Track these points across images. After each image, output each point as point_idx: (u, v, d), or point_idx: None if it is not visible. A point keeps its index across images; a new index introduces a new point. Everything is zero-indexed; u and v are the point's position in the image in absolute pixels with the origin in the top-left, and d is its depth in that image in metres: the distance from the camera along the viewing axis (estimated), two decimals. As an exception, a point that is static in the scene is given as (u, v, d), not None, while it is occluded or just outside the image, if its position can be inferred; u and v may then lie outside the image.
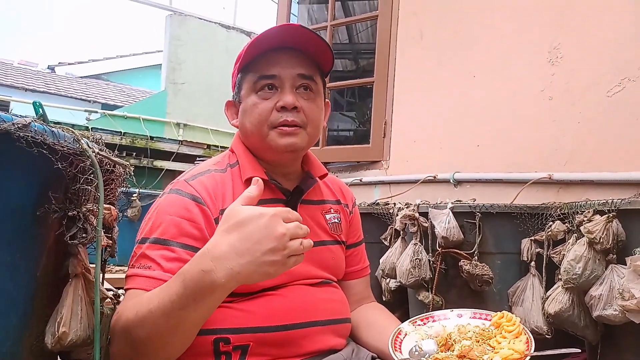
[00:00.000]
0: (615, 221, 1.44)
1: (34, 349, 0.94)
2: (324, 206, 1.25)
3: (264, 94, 1.12)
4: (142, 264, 1.00)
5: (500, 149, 2.40)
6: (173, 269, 0.97)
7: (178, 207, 1.03)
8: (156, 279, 0.97)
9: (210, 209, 1.05)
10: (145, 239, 1.03)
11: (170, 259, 0.99)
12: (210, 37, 7.70)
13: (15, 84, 10.00)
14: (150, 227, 1.03)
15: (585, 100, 2.09)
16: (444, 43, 2.72)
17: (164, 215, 1.03)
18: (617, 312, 1.36)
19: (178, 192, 1.06)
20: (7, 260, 0.87)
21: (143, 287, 0.97)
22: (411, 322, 1.13)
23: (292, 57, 1.13)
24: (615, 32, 2.02)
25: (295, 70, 1.12)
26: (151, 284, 0.97)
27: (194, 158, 5.44)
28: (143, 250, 1.01)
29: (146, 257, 1.00)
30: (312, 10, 4.70)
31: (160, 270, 0.98)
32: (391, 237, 2.19)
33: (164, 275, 0.97)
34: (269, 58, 1.13)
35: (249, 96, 1.14)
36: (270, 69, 1.12)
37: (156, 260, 0.99)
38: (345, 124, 5.21)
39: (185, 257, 0.99)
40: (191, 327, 0.92)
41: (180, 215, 1.02)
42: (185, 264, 0.96)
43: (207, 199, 1.05)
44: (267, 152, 1.15)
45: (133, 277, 1.00)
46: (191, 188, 1.06)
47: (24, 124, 0.82)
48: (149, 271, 0.99)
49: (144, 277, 0.99)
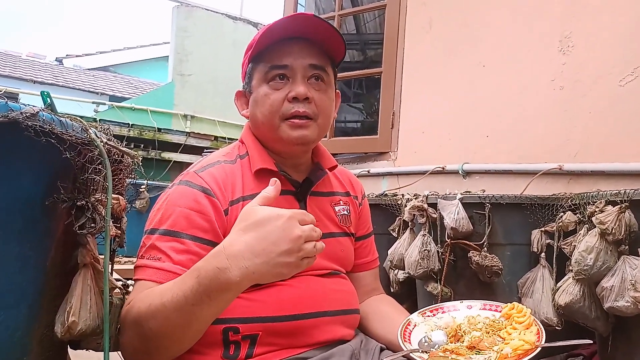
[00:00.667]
0: (628, 211, 1.42)
1: (43, 339, 0.94)
2: (333, 198, 1.25)
3: (276, 84, 1.11)
4: (151, 255, 1.01)
5: (509, 139, 2.37)
6: (183, 261, 0.98)
7: (188, 199, 1.03)
8: (166, 270, 0.98)
9: (219, 201, 1.05)
10: (154, 230, 1.03)
11: (180, 251, 0.99)
12: (217, 29, 7.68)
13: (23, 76, 10.03)
14: (160, 218, 1.03)
15: (596, 90, 2.06)
16: (453, 33, 2.70)
17: (173, 206, 1.03)
18: (629, 304, 1.35)
19: (188, 184, 1.06)
20: (17, 251, 0.88)
21: (153, 278, 0.98)
22: (420, 313, 1.12)
23: (304, 47, 1.12)
24: (627, 21, 1.99)
25: (306, 61, 1.11)
26: (161, 275, 0.97)
27: (202, 150, 5.45)
28: (153, 241, 1.02)
29: (156, 248, 1.01)
30: (319, 0, 4.67)
31: (170, 262, 0.99)
32: (399, 229, 2.18)
33: (173, 267, 0.98)
34: (281, 48, 1.11)
35: (260, 86, 1.13)
36: (282, 58, 1.11)
37: (166, 251, 1.00)
38: (353, 115, 5.18)
39: (195, 249, 1.00)
40: (202, 323, 0.92)
41: (190, 207, 1.02)
42: (194, 255, 0.97)
43: (216, 190, 1.05)
44: (277, 143, 1.14)
45: (143, 267, 1.01)
46: (201, 179, 1.06)
47: (32, 113, 0.81)
48: (159, 262, 0.99)
49: (154, 268, 0.99)
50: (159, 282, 0.97)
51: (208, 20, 7.63)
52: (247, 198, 1.08)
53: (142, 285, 0.99)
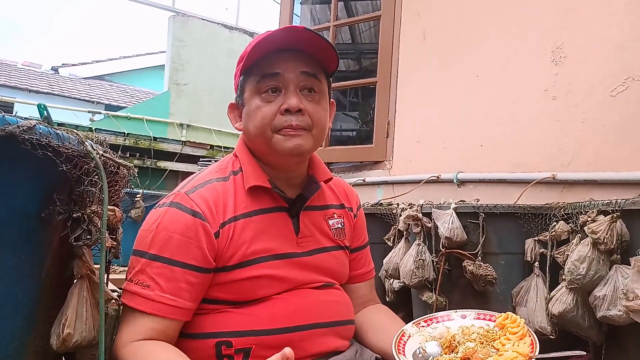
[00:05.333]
0: (620, 221, 1.43)
1: (39, 350, 0.94)
2: (327, 211, 1.24)
3: (268, 97, 1.10)
4: (140, 281, 1.02)
5: (503, 149, 2.39)
6: (172, 290, 1.00)
7: (179, 225, 1.03)
8: (155, 301, 1.00)
9: (210, 224, 1.04)
10: (144, 253, 1.03)
11: (170, 279, 1.01)
12: (213, 38, 7.71)
13: (19, 85, 10.03)
14: (151, 241, 1.03)
15: (588, 100, 2.08)
16: (447, 43, 2.72)
17: (164, 231, 1.03)
18: (621, 313, 1.36)
19: (178, 206, 1.05)
20: (13, 262, 0.88)
21: (142, 308, 1.01)
22: (415, 324, 1.12)
23: (296, 57, 1.11)
24: (619, 32, 2.01)
25: (298, 68, 1.10)
26: (150, 306, 1.00)
27: (198, 158, 5.45)
28: (142, 266, 1.03)
29: (145, 273, 1.02)
30: (314, 11, 4.70)
31: (158, 290, 1.00)
32: (394, 238, 2.18)
33: (162, 297, 1.00)
34: (272, 58, 1.10)
35: (252, 98, 1.12)
36: (273, 67, 1.09)
37: (155, 279, 1.01)
38: (348, 124, 5.20)
39: (184, 277, 1.01)
40: None
41: (181, 232, 1.02)
42: (183, 283, 1.00)
43: (207, 213, 1.05)
44: (272, 155, 1.13)
45: (132, 294, 1.02)
46: (191, 202, 1.05)
47: (29, 126, 0.82)
48: (147, 291, 1.01)
49: (143, 297, 1.01)
50: (148, 312, 1.00)
51: (204, 30, 7.66)
52: (238, 218, 1.08)
53: (130, 315, 1.02)
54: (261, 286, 1.06)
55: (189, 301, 1.02)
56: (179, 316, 1.02)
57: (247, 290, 1.06)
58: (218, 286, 1.06)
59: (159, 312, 1.00)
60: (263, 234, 1.09)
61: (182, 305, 1.01)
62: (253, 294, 1.06)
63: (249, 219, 1.09)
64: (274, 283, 1.08)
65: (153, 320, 1.00)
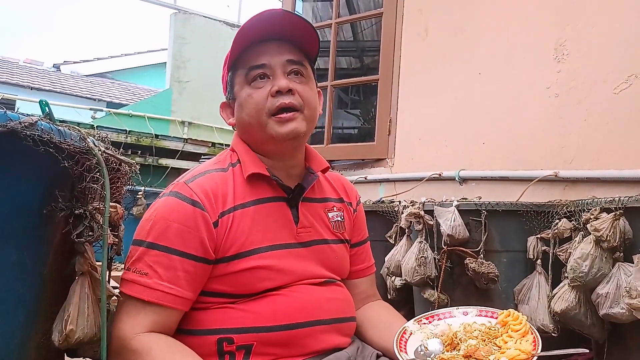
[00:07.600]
0: (622, 219, 1.43)
1: (41, 347, 0.94)
2: (326, 204, 1.24)
3: (257, 84, 1.12)
4: (137, 269, 1.01)
5: (505, 146, 2.39)
6: (170, 278, 1.00)
7: (178, 213, 1.03)
8: (152, 288, 0.99)
9: (209, 213, 1.04)
10: (142, 241, 1.03)
11: (167, 267, 1.00)
12: (214, 35, 7.69)
13: (20, 82, 10.03)
14: (149, 230, 1.03)
15: (591, 98, 2.08)
16: (449, 40, 2.71)
17: (162, 219, 1.03)
18: (624, 311, 1.36)
19: (177, 195, 1.05)
20: (15, 259, 0.88)
21: (140, 296, 1.00)
22: (416, 321, 1.12)
23: (280, 46, 1.14)
24: (622, 29, 2.01)
25: (284, 57, 1.13)
26: (148, 294, 0.99)
27: (199, 156, 5.45)
28: (140, 254, 1.02)
29: (143, 261, 1.01)
30: (316, 8, 4.70)
31: (156, 278, 1.00)
32: (396, 235, 2.18)
33: (160, 285, 0.99)
34: (256, 50, 1.13)
35: (242, 90, 1.14)
36: (258, 59, 1.12)
37: (153, 266, 1.00)
38: (350, 122, 5.20)
39: (182, 266, 1.01)
40: None
41: (180, 221, 1.02)
42: (181, 272, 1.00)
43: (206, 202, 1.05)
44: (268, 143, 1.13)
45: (129, 282, 1.02)
46: (190, 191, 1.05)
47: (31, 122, 0.82)
48: (145, 279, 1.00)
49: (140, 285, 1.00)
50: (147, 300, 0.99)
51: (205, 28, 7.64)
52: (237, 208, 1.08)
53: (129, 304, 1.01)
54: (261, 278, 1.06)
55: (187, 290, 1.02)
56: (178, 305, 1.02)
57: (246, 282, 1.05)
58: (218, 278, 1.05)
59: (157, 299, 0.99)
60: (262, 224, 1.09)
61: (180, 294, 1.01)
62: (253, 287, 1.05)
63: (248, 208, 1.09)
64: (273, 275, 1.07)
65: (154, 311, 1.00)
